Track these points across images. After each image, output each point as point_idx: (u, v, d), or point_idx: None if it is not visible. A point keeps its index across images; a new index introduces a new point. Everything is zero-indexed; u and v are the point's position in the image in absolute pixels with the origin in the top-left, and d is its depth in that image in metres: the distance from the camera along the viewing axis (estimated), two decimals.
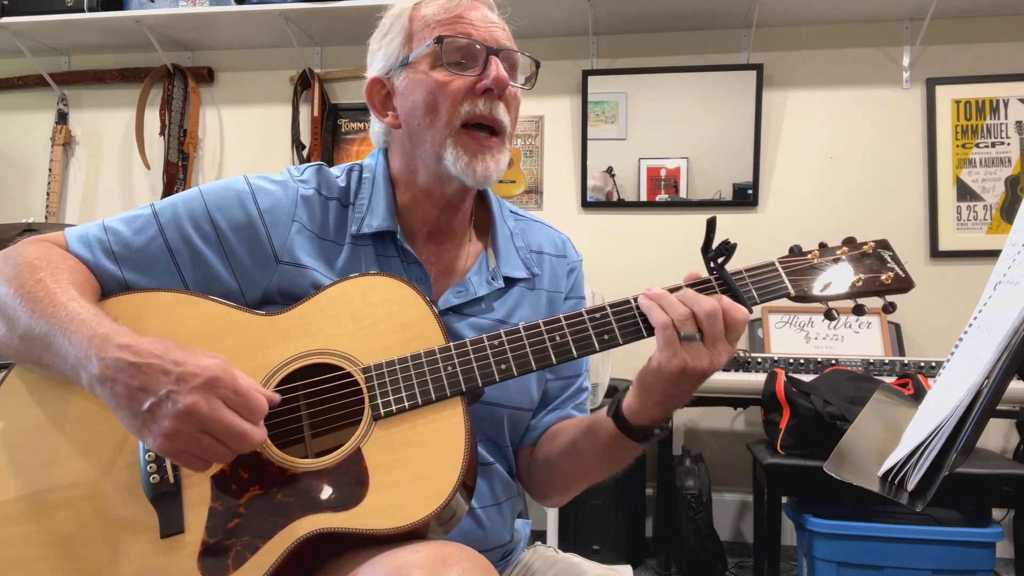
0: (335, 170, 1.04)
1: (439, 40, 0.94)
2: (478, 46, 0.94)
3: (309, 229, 0.97)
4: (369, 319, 0.88)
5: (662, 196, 2.93)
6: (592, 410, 1.11)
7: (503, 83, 0.94)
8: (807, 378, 2.14)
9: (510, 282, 1.03)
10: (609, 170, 2.96)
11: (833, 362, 2.30)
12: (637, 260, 2.91)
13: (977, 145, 2.77)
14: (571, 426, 1.03)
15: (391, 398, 0.84)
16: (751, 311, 0.89)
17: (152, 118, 3.24)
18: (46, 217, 3.21)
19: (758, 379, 2.19)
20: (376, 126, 1.05)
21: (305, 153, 3.14)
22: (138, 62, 3.28)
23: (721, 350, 0.83)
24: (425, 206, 1.01)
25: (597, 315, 0.88)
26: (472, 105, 0.94)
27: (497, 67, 0.94)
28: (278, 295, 0.94)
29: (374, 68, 1.03)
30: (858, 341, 2.60)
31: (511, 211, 1.12)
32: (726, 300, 0.84)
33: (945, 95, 2.79)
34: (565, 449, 1.00)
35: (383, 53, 1.01)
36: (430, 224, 1.02)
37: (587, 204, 2.98)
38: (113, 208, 3.29)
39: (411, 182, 1.01)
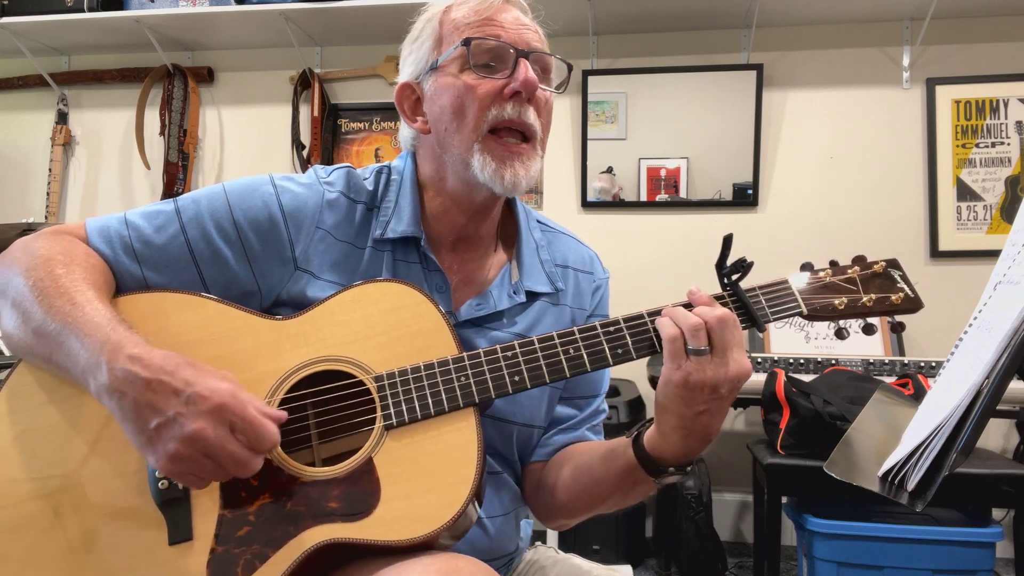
0: (363, 171, 1.02)
1: (467, 42, 0.92)
2: (508, 49, 0.92)
3: (332, 235, 0.95)
4: (381, 326, 0.87)
5: (662, 196, 2.93)
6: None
7: (532, 86, 0.92)
8: (807, 378, 2.14)
9: (532, 296, 1.01)
10: (609, 170, 2.96)
11: (833, 362, 2.30)
12: (637, 260, 2.91)
13: (977, 145, 2.77)
14: (587, 449, 1.00)
15: (403, 408, 0.83)
16: (764, 329, 0.89)
17: (152, 118, 3.24)
18: (46, 217, 3.21)
19: (758, 379, 2.19)
20: (404, 131, 1.03)
21: (305, 153, 3.14)
22: (138, 62, 3.28)
23: (729, 360, 0.80)
24: (453, 212, 0.99)
25: (611, 329, 0.87)
26: (500, 109, 0.92)
27: (526, 69, 0.92)
28: (288, 300, 0.93)
29: (404, 73, 1.00)
30: (858, 341, 2.60)
31: (538, 221, 1.10)
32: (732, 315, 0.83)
33: (945, 95, 2.78)
34: (579, 471, 0.97)
35: (413, 58, 0.99)
36: (457, 231, 1.00)
37: (587, 204, 2.98)
38: (113, 208, 3.29)
39: (440, 188, 0.99)
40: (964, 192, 2.77)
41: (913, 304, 0.93)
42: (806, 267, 0.95)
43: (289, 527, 0.79)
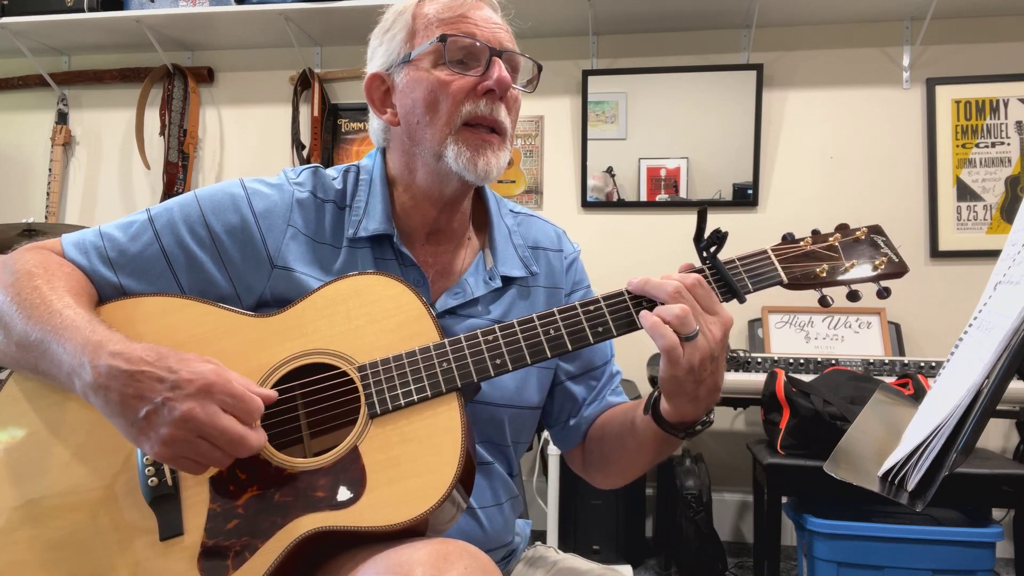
0: (331, 171, 1.04)
1: (443, 39, 0.93)
2: (481, 46, 0.94)
3: (304, 233, 0.97)
4: (364, 318, 0.88)
5: (662, 196, 2.93)
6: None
7: (505, 84, 0.94)
8: (807, 378, 2.14)
9: (508, 281, 1.03)
10: (609, 170, 2.96)
11: (833, 362, 2.30)
12: (637, 260, 2.91)
13: (977, 145, 2.77)
14: (615, 422, 1.03)
15: (387, 395, 0.84)
16: (744, 300, 0.89)
17: (152, 118, 3.24)
18: (46, 217, 3.21)
19: (758, 379, 2.19)
20: (375, 123, 1.04)
21: (305, 153, 3.14)
22: (138, 62, 3.28)
23: (709, 325, 0.83)
24: (424, 206, 1.00)
25: (591, 307, 0.88)
26: (474, 105, 0.94)
27: (500, 68, 0.94)
28: (272, 300, 0.94)
29: (374, 64, 1.02)
30: (858, 341, 2.60)
31: (510, 209, 1.12)
32: (678, 276, 0.85)
33: (945, 95, 2.78)
34: (615, 447, 1.02)
35: (384, 49, 1.00)
36: (428, 225, 1.01)
37: (587, 204, 2.98)
38: (113, 208, 3.29)
39: (410, 182, 1.00)
40: (964, 192, 2.77)
41: (898, 268, 0.91)
42: (787, 237, 0.94)
43: (277, 518, 0.80)
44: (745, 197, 2.88)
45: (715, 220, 0.93)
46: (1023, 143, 2.75)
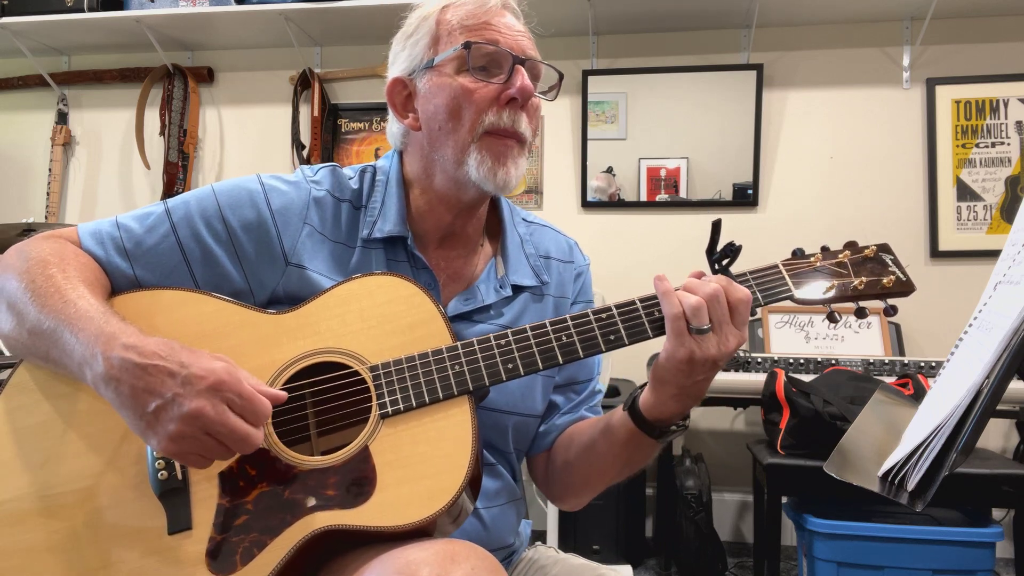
0: (348, 171, 1.03)
1: (467, 46, 0.93)
2: (504, 53, 0.94)
3: (320, 232, 0.97)
4: (376, 318, 0.88)
5: (662, 196, 2.93)
6: (604, 408, 1.11)
7: (528, 93, 0.94)
8: (807, 378, 2.14)
9: (518, 289, 1.03)
10: (609, 170, 2.96)
11: (833, 362, 2.30)
12: (637, 260, 2.91)
13: (977, 145, 2.77)
14: (587, 427, 1.03)
15: (399, 396, 0.84)
16: (754, 311, 0.90)
17: (152, 118, 3.24)
18: (46, 217, 3.21)
19: (758, 379, 2.19)
20: (394, 127, 1.04)
21: (305, 153, 3.14)
22: (138, 62, 3.28)
23: (728, 335, 0.84)
24: (439, 210, 1.00)
25: (603, 316, 0.88)
26: (496, 116, 0.94)
27: (523, 77, 0.94)
28: (284, 296, 0.94)
29: (396, 68, 1.02)
30: (858, 341, 2.60)
31: (523, 218, 1.11)
32: (726, 281, 0.85)
33: (945, 95, 2.79)
34: (583, 451, 1.01)
35: (407, 54, 1.00)
36: (443, 229, 1.01)
37: (587, 204, 2.98)
38: (113, 208, 3.29)
39: (427, 186, 1.00)
40: (964, 192, 2.77)
41: (905, 287, 0.93)
42: (797, 252, 0.96)
43: (286, 515, 0.80)
44: (745, 197, 2.88)
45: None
46: (1023, 143, 2.75)
